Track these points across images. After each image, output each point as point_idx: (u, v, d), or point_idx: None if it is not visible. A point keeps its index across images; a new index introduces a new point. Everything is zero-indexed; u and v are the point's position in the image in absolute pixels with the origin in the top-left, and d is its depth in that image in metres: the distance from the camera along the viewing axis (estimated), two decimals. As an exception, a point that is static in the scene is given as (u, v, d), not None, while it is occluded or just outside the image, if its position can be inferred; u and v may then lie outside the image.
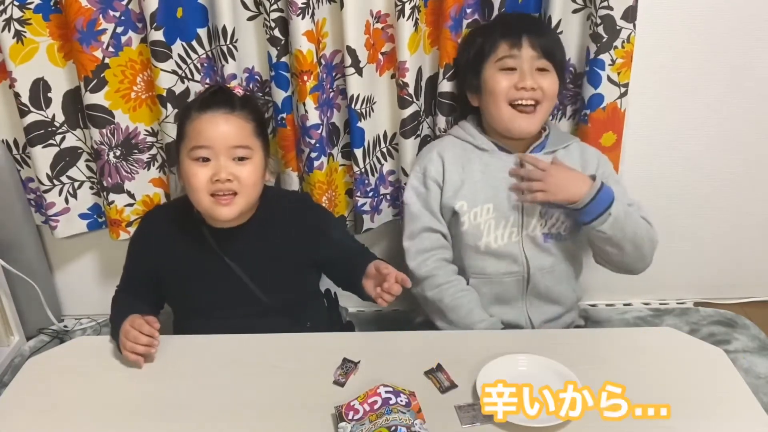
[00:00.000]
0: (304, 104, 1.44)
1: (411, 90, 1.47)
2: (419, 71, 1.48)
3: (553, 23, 1.44)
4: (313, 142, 1.49)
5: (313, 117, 1.46)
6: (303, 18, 1.36)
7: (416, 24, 1.42)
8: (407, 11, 1.38)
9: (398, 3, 1.38)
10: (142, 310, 1.21)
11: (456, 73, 1.48)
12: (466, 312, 1.33)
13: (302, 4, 1.34)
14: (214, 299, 1.30)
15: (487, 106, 1.39)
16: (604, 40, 1.43)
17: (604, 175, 1.38)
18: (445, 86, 1.49)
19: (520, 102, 1.34)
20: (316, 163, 1.52)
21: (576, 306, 1.49)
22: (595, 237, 1.33)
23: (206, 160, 1.19)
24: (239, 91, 1.24)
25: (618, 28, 1.42)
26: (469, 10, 1.44)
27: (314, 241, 1.32)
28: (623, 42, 1.43)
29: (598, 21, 1.41)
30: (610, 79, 1.47)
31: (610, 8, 1.40)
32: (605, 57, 1.45)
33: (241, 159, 1.21)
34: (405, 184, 1.57)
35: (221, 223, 1.26)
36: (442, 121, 1.53)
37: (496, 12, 1.46)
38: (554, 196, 1.30)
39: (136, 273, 1.36)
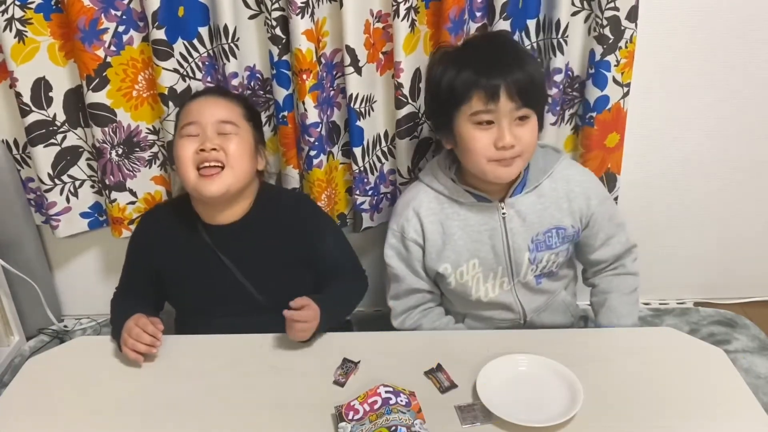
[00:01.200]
0: (303, 103, 1.44)
1: (406, 91, 1.47)
2: (416, 72, 1.48)
3: (561, 27, 1.42)
4: (312, 140, 1.49)
5: (313, 115, 1.46)
6: (302, 17, 1.36)
7: (413, 25, 1.41)
8: (402, 12, 1.38)
9: (394, 3, 1.38)
10: (143, 311, 1.21)
11: (425, 104, 1.39)
12: None
13: (301, 3, 1.34)
14: (211, 297, 1.31)
15: (463, 158, 1.25)
16: (611, 41, 1.42)
17: (601, 207, 1.32)
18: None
19: (499, 159, 1.20)
20: (315, 161, 1.52)
21: (573, 322, 1.45)
22: None
23: (195, 137, 1.23)
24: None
25: (623, 28, 1.42)
26: (468, 14, 1.44)
27: (309, 240, 1.32)
28: (627, 42, 1.44)
29: (605, 23, 1.41)
30: (614, 80, 1.47)
31: (617, 9, 1.40)
32: (611, 58, 1.44)
33: (229, 135, 1.24)
34: (401, 185, 1.57)
35: (214, 214, 1.27)
36: (442, 122, 1.53)
37: (497, 17, 1.41)
38: None
39: (135, 272, 1.36)
